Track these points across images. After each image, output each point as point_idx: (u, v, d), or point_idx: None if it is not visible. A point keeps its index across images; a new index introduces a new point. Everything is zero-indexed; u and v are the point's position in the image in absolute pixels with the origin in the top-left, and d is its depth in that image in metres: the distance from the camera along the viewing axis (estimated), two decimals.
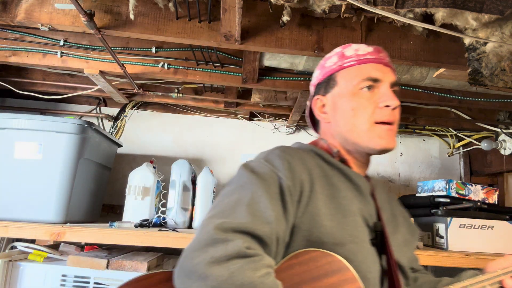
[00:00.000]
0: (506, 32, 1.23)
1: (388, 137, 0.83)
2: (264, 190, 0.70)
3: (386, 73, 0.86)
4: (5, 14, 1.38)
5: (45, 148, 1.54)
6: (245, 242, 0.62)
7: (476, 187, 1.77)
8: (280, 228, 0.68)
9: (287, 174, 0.74)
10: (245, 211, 0.67)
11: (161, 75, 1.79)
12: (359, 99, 0.85)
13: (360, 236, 0.75)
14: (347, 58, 0.89)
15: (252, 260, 0.59)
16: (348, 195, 0.79)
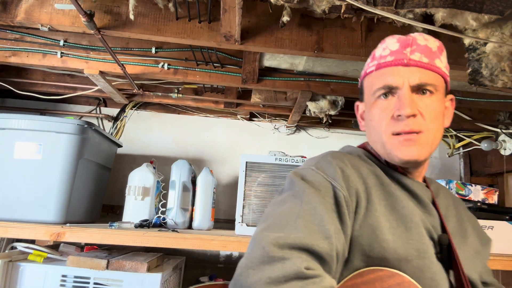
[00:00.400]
0: (506, 32, 1.23)
1: (405, 148, 0.74)
2: (319, 201, 0.65)
3: (406, 75, 0.75)
4: (5, 14, 1.38)
5: (45, 149, 1.54)
6: (304, 261, 0.56)
7: (476, 187, 1.77)
8: (339, 243, 0.63)
9: (342, 183, 0.68)
10: (300, 224, 0.61)
11: (161, 76, 1.79)
12: (376, 109, 0.78)
13: (427, 250, 0.69)
14: (371, 62, 0.83)
15: (312, 281, 0.54)
16: (409, 205, 0.73)
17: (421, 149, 0.74)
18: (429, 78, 0.75)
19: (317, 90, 1.83)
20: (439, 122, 0.77)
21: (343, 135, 2.50)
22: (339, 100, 1.99)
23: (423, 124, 0.74)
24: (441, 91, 0.79)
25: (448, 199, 0.84)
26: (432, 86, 0.76)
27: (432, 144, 0.76)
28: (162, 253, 1.74)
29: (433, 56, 0.78)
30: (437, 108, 0.76)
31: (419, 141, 0.74)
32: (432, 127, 0.75)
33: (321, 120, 2.25)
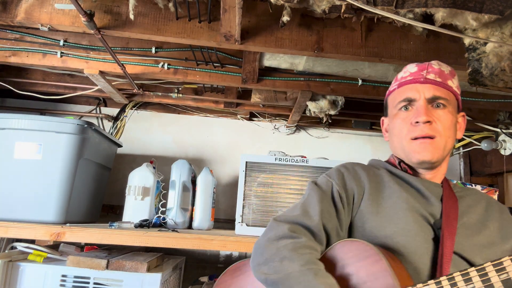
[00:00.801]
0: (506, 32, 1.23)
1: (422, 150, 0.90)
2: (318, 195, 0.90)
3: (422, 90, 0.92)
4: (5, 14, 1.38)
5: (45, 148, 1.54)
6: (291, 227, 0.83)
7: (476, 187, 1.77)
8: (328, 222, 0.86)
9: (339, 182, 0.93)
10: (299, 209, 0.89)
11: (161, 75, 1.79)
12: (398, 119, 0.95)
13: (413, 230, 0.83)
14: (395, 82, 1.01)
15: (295, 241, 0.80)
16: (401, 195, 0.89)
17: (434, 152, 0.89)
18: (441, 93, 0.92)
19: (317, 90, 1.83)
20: (451, 131, 0.92)
21: (343, 135, 2.50)
22: (339, 100, 1.99)
23: (437, 131, 0.89)
24: (453, 106, 0.94)
25: (478, 202, 0.95)
26: (445, 100, 0.92)
27: (444, 148, 0.91)
28: (162, 253, 1.74)
29: (446, 77, 0.95)
30: (449, 119, 0.91)
31: (433, 145, 0.89)
32: (445, 134, 0.90)
33: (321, 120, 2.25)
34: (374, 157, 1.11)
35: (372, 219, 0.87)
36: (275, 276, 0.76)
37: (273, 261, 0.78)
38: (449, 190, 0.94)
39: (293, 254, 0.77)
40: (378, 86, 1.85)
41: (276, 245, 0.80)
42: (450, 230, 0.84)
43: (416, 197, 0.90)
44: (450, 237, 0.83)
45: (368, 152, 2.49)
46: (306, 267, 0.74)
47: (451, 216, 0.87)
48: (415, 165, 0.94)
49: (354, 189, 0.92)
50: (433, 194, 0.91)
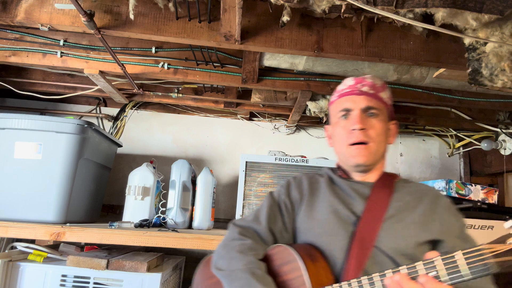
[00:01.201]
0: (506, 32, 1.23)
1: (358, 155, 1.01)
2: (269, 203, 1.07)
3: (358, 101, 1.03)
4: (5, 14, 1.38)
5: (45, 148, 1.54)
6: (242, 231, 1.00)
7: (476, 187, 1.77)
8: (274, 225, 1.02)
9: (285, 192, 1.09)
10: (252, 215, 1.06)
11: (161, 75, 1.79)
12: (338, 127, 1.06)
13: (333, 229, 0.96)
14: (335, 93, 1.12)
15: (243, 243, 0.96)
16: (329, 199, 1.02)
17: (368, 156, 1.01)
18: (374, 103, 1.04)
19: (317, 90, 1.83)
20: (383, 137, 1.04)
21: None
22: None
23: (370, 137, 1.01)
24: (385, 115, 1.06)
25: (411, 195, 1.02)
26: (377, 110, 1.03)
27: (376, 152, 1.02)
28: (162, 253, 1.74)
29: (378, 90, 1.07)
30: (381, 127, 1.03)
31: (367, 150, 1.01)
32: (377, 139, 1.02)
33: (321, 119, 2.25)
34: None
35: (306, 222, 1.02)
36: (223, 272, 0.92)
37: (224, 259, 0.95)
38: (382, 187, 1.03)
39: (239, 255, 0.92)
40: None
41: (228, 246, 0.97)
42: (367, 226, 0.94)
43: (343, 198, 1.02)
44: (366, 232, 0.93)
45: None
46: (247, 266, 0.89)
47: (374, 212, 0.96)
48: (352, 168, 1.06)
49: (297, 197, 1.07)
50: (358, 194, 1.02)
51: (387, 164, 2.50)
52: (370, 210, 0.98)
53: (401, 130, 2.43)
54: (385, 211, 0.97)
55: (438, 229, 0.96)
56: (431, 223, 0.96)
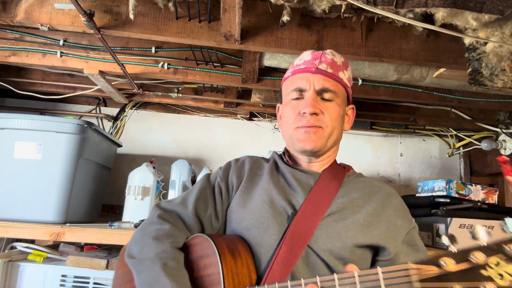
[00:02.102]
0: (506, 32, 1.23)
1: (305, 139, 0.90)
2: (201, 186, 0.96)
3: (313, 81, 0.92)
4: (4, 14, 1.37)
5: (44, 148, 1.54)
6: (162, 214, 0.90)
7: (476, 187, 1.77)
8: (201, 211, 0.92)
9: (222, 174, 0.98)
10: (180, 197, 0.95)
11: (161, 75, 1.78)
12: (288, 108, 0.95)
13: (265, 222, 0.84)
14: (290, 69, 1.00)
15: (160, 228, 0.85)
16: (268, 187, 0.91)
17: (317, 141, 0.90)
18: (331, 85, 0.92)
19: None
20: (338, 123, 0.93)
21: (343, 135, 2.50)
22: None
23: (323, 122, 0.90)
24: (342, 99, 0.95)
25: (360, 192, 0.91)
26: (333, 93, 0.92)
27: (328, 139, 0.92)
28: None
29: (338, 69, 0.95)
30: (336, 111, 0.92)
31: (317, 134, 0.90)
32: (331, 125, 0.91)
33: None
34: (374, 157, 1.11)
35: (238, 211, 0.90)
36: (133, 261, 0.81)
37: (137, 245, 0.84)
38: (329, 179, 0.92)
39: (153, 242, 0.81)
40: (378, 86, 1.85)
41: (144, 230, 0.86)
42: (304, 222, 0.82)
43: (283, 188, 0.91)
44: (301, 229, 0.81)
45: (368, 151, 2.49)
46: (160, 255, 0.78)
47: (315, 207, 0.85)
48: (298, 154, 0.96)
49: (234, 182, 0.96)
50: (301, 184, 0.91)
51: (387, 164, 2.51)
52: (310, 204, 0.85)
53: (401, 130, 2.43)
54: (327, 207, 0.85)
55: (383, 233, 0.84)
56: (375, 226, 0.84)
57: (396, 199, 0.93)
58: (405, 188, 2.45)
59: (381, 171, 2.48)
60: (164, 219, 0.88)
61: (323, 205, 0.85)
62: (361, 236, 0.82)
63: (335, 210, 0.86)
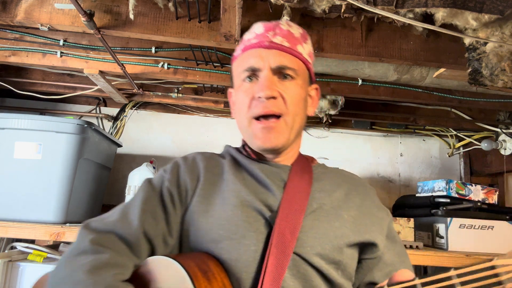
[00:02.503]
0: (506, 32, 1.23)
1: (264, 137, 0.76)
2: (145, 194, 0.75)
3: (267, 58, 0.76)
4: (4, 14, 1.37)
5: (44, 148, 1.54)
6: (97, 239, 0.66)
7: (476, 187, 1.77)
8: (150, 227, 0.70)
9: (171, 177, 0.78)
10: (118, 212, 0.74)
11: (161, 75, 1.78)
12: (240, 93, 0.80)
13: (240, 231, 0.69)
14: (240, 45, 0.84)
15: (96, 258, 0.63)
16: (235, 188, 0.75)
17: (279, 137, 0.76)
18: (289, 61, 0.77)
19: None
20: (300, 107, 0.79)
21: (343, 135, 2.50)
22: (339, 100, 1.99)
23: (283, 107, 0.76)
24: (303, 77, 0.81)
25: (338, 185, 0.81)
26: (293, 71, 0.77)
27: (292, 129, 0.78)
28: None
29: (296, 42, 0.80)
30: (298, 93, 0.78)
31: (277, 129, 0.76)
32: (292, 110, 0.77)
33: (321, 120, 2.25)
34: (374, 157, 1.03)
35: (199, 221, 0.72)
36: None
37: (65, 285, 0.60)
38: (300, 172, 0.80)
39: (89, 278, 0.59)
40: (378, 86, 1.85)
41: (73, 263, 0.63)
42: (286, 224, 0.69)
43: (253, 187, 0.76)
44: (285, 233, 0.68)
45: (368, 151, 2.49)
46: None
47: (294, 205, 0.72)
48: (257, 151, 0.81)
49: (188, 185, 0.77)
50: (273, 180, 0.77)
51: (387, 164, 2.51)
52: (288, 202, 0.73)
53: (401, 130, 2.43)
54: (305, 204, 0.73)
55: (369, 228, 0.76)
56: (361, 221, 0.76)
57: (370, 190, 0.86)
58: (405, 188, 2.45)
59: (381, 171, 2.48)
60: (100, 244, 0.65)
61: (302, 202, 0.73)
62: (350, 233, 0.73)
63: (315, 207, 0.75)
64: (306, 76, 0.82)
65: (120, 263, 0.64)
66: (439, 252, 1.53)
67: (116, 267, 0.63)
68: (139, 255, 0.69)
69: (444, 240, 1.65)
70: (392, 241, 0.80)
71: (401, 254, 0.80)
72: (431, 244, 1.74)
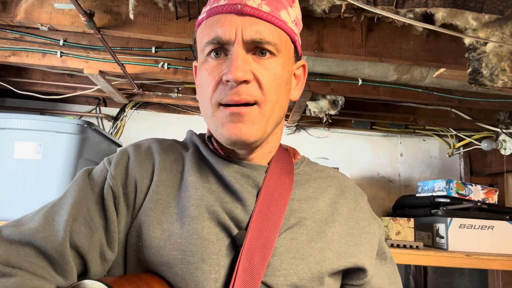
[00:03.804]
0: (506, 32, 1.23)
1: (231, 124, 0.57)
2: (78, 192, 0.59)
3: (240, 27, 0.57)
4: (4, 14, 1.37)
5: (44, 148, 1.54)
6: (6, 255, 0.51)
7: (476, 187, 1.77)
8: (81, 238, 0.55)
9: (117, 172, 0.61)
10: (41, 215, 0.59)
11: (161, 75, 1.78)
12: (204, 71, 0.61)
13: (199, 252, 0.55)
14: (205, 7, 0.64)
15: (3, 282, 0.48)
16: (196, 194, 0.59)
17: (252, 127, 0.58)
18: (268, 33, 0.58)
19: (317, 90, 1.83)
20: (280, 93, 0.61)
21: (343, 135, 2.50)
22: (339, 100, 1.99)
23: (259, 94, 0.58)
24: (287, 53, 0.62)
25: (322, 191, 0.67)
26: (273, 46, 0.59)
27: (268, 119, 0.60)
28: None
29: (278, 5, 0.60)
30: (280, 74, 0.60)
31: (250, 116, 0.57)
32: (271, 98, 0.59)
33: (321, 120, 2.25)
34: (374, 157, 0.90)
35: (149, 235, 0.57)
36: None
37: None
38: (279, 174, 0.64)
39: None
40: (378, 86, 1.85)
41: None
42: (257, 245, 0.55)
43: (220, 194, 0.61)
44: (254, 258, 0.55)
45: (368, 151, 2.49)
46: None
47: (268, 220, 0.58)
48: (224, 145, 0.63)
49: (137, 182, 0.61)
50: (245, 187, 0.61)
51: (387, 164, 2.51)
52: (263, 215, 0.58)
53: (401, 130, 2.43)
54: (282, 217, 0.59)
55: (358, 248, 0.63)
56: (348, 238, 0.63)
57: (360, 196, 0.71)
58: (405, 188, 2.45)
59: (381, 171, 2.48)
60: (8, 263, 0.50)
61: (278, 216, 0.59)
62: (334, 258, 0.59)
63: (294, 222, 0.60)
64: (291, 51, 0.64)
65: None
66: (439, 252, 1.53)
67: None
68: (66, 275, 0.53)
69: (444, 240, 1.65)
70: (382, 259, 0.68)
71: (391, 274, 0.68)
72: (431, 244, 1.74)
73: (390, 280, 0.67)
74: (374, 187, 2.44)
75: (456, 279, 2.31)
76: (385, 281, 0.66)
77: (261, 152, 0.66)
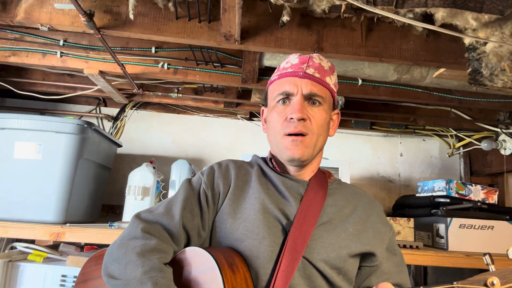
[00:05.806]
0: (506, 32, 1.23)
1: (292, 148, 0.88)
2: (185, 193, 0.89)
3: (300, 85, 0.90)
4: (4, 14, 1.37)
5: (44, 148, 1.54)
6: (146, 227, 0.81)
7: (476, 187, 1.77)
8: (188, 221, 0.85)
9: (207, 180, 0.92)
10: (163, 207, 0.87)
11: (161, 75, 1.78)
12: (275, 113, 0.93)
13: (261, 233, 0.82)
14: (276, 72, 0.98)
15: (145, 243, 0.77)
16: (260, 196, 0.88)
17: (304, 150, 0.89)
18: (318, 90, 0.91)
19: None
20: (323, 129, 0.92)
21: (343, 135, 2.50)
22: (339, 100, 1.99)
23: (310, 128, 0.89)
24: (328, 104, 0.94)
25: (348, 201, 0.94)
26: (320, 98, 0.91)
27: (315, 146, 0.91)
28: None
29: (325, 73, 0.94)
30: (323, 117, 0.91)
31: (304, 144, 0.89)
32: (317, 131, 0.90)
33: None
34: (374, 157, 1.11)
35: (228, 221, 0.86)
36: (116, 282, 0.73)
37: (119, 263, 0.75)
38: (317, 187, 0.92)
39: (138, 259, 0.73)
40: (378, 86, 1.85)
41: (126, 246, 0.77)
42: (299, 233, 0.82)
43: (275, 196, 0.90)
44: (297, 240, 0.81)
45: (368, 151, 2.49)
46: (148, 275, 0.70)
47: (307, 217, 0.85)
48: (285, 162, 0.94)
49: (221, 188, 0.91)
50: (292, 193, 0.90)
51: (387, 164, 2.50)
52: (303, 214, 0.86)
53: (401, 130, 2.43)
54: (317, 217, 0.86)
55: (371, 240, 0.88)
56: (364, 234, 0.88)
57: (377, 207, 0.97)
58: (405, 188, 2.45)
59: (381, 171, 2.48)
60: (148, 232, 0.80)
61: (314, 215, 0.86)
62: (353, 245, 0.86)
63: (325, 220, 0.87)
64: (331, 103, 0.96)
65: (164, 249, 0.78)
66: (439, 252, 1.53)
67: (160, 252, 0.77)
68: (179, 244, 0.83)
69: (444, 240, 1.65)
70: (391, 253, 0.92)
71: (399, 265, 0.92)
72: (431, 244, 1.74)
73: (398, 269, 0.90)
74: (374, 187, 2.44)
75: (456, 279, 2.30)
76: (393, 269, 0.89)
77: (306, 170, 0.95)
